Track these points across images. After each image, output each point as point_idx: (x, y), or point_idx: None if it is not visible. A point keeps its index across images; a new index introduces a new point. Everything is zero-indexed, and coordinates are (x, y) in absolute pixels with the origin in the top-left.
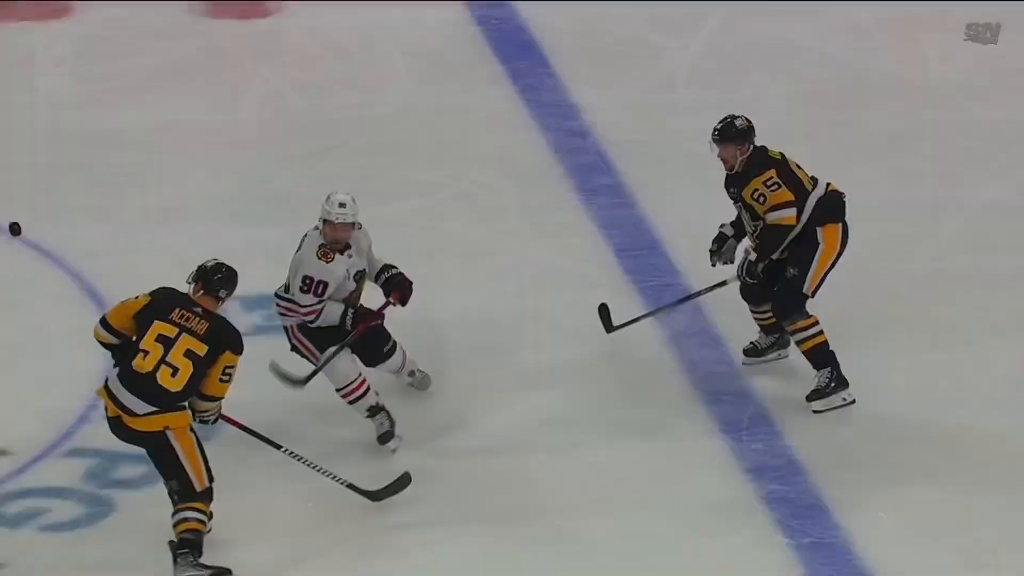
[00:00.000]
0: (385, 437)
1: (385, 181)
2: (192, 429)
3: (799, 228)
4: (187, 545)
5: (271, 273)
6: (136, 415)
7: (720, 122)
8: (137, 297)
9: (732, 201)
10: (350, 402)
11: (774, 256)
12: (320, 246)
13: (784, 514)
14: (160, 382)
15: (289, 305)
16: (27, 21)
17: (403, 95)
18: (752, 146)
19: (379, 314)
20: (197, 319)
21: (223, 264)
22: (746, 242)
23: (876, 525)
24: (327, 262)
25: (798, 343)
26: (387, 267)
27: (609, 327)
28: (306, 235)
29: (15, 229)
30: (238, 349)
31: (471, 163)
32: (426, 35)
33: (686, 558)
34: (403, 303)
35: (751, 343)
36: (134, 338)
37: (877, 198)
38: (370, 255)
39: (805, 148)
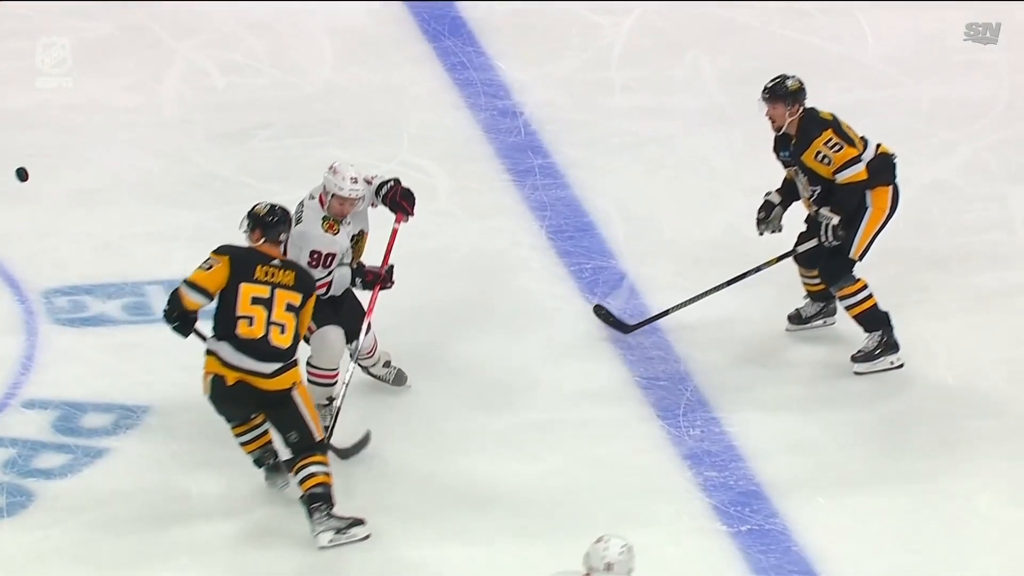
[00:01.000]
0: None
1: (313, 161)
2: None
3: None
4: (319, 499)
5: (196, 255)
6: (267, 376)
7: (770, 80)
8: (209, 263)
9: (784, 165)
10: (313, 382)
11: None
12: (324, 218)
13: (722, 501)
14: (274, 343)
15: None
16: None
17: (330, 74)
18: (802, 107)
19: (385, 274)
20: (281, 271)
21: (273, 205)
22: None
23: (816, 512)
24: (333, 234)
25: (847, 308)
26: (382, 185)
27: (625, 327)
28: (302, 206)
29: (22, 175)
30: (315, 287)
31: (401, 143)
32: (352, 13)
33: None
34: (407, 217)
35: (796, 310)
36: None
37: None
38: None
39: (741, 128)
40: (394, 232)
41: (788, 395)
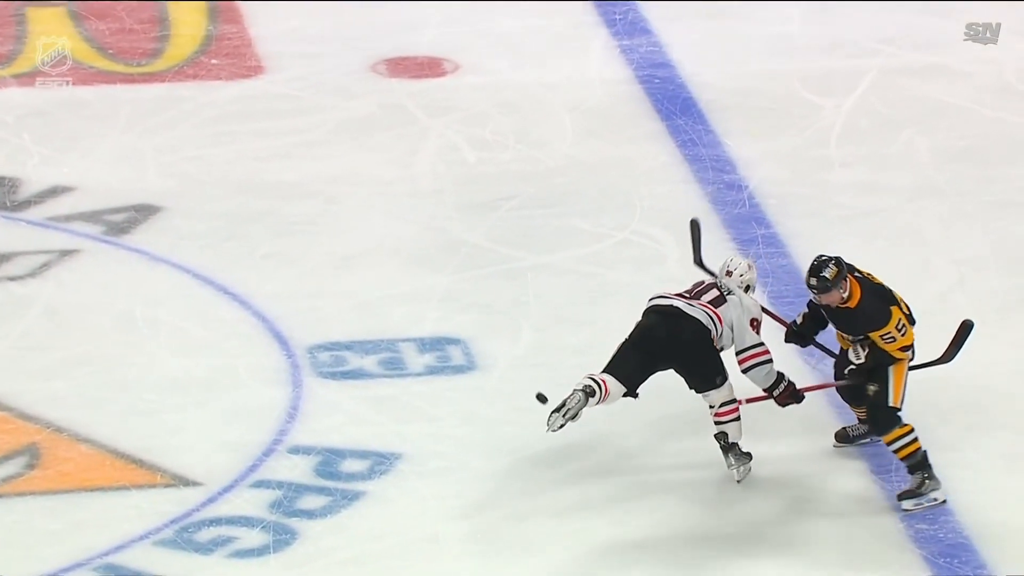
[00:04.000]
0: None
1: (552, 230)
2: None
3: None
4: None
5: (445, 317)
6: None
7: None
8: None
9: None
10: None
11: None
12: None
13: (932, 552)
14: None
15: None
16: (221, 80)
17: (569, 150)
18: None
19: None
20: None
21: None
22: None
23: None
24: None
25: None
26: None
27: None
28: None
29: (542, 398)
30: None
31: (633, 213)
32: (591, 93)
33: None
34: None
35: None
36: None
37: (1022, 252)
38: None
39: (953, 204)
40: None
41: (995, 449)
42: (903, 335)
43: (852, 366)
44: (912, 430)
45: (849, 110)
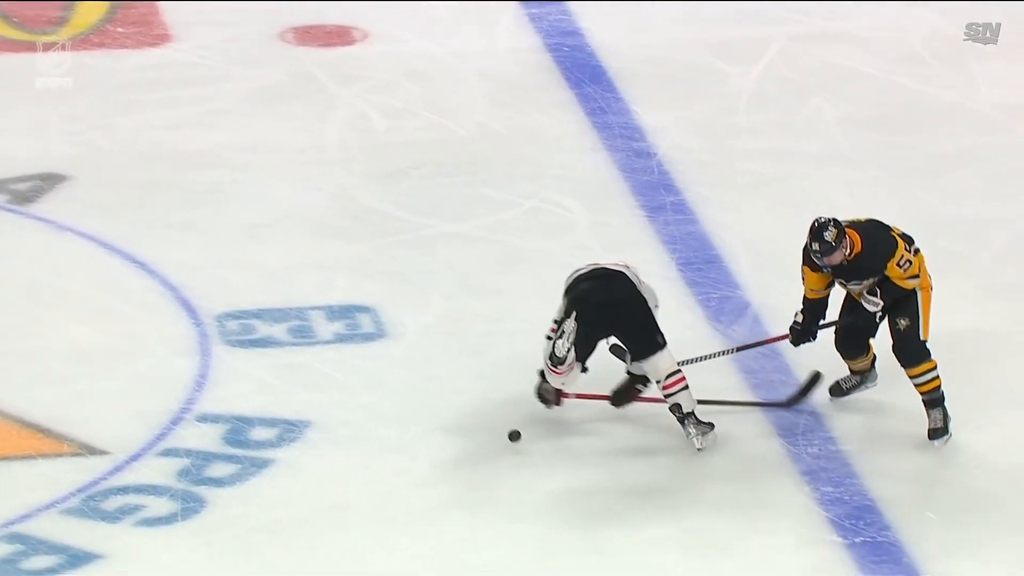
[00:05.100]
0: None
1: (462, 199)
2: None
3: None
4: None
5: (354, 285)
6: None
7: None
8: None
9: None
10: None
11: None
12: None
13: (838, 514)
14: None
15: None
16: (127, 49)
17: (479, 118)
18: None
19: None
20: None
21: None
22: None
23: (927, 526)
24: None
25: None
26: None
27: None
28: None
29: (515, 436)
30: None
31: (543, 182)
32: (501, 61)
33: (740, 555)
34: None
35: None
36: None
37: (928, 217)
38: None
39: (860, 170)
40: None
41: (901, 417)
42: (915, 255)
43: (870, 312)
44: (936, 366)
45: (757, 77)
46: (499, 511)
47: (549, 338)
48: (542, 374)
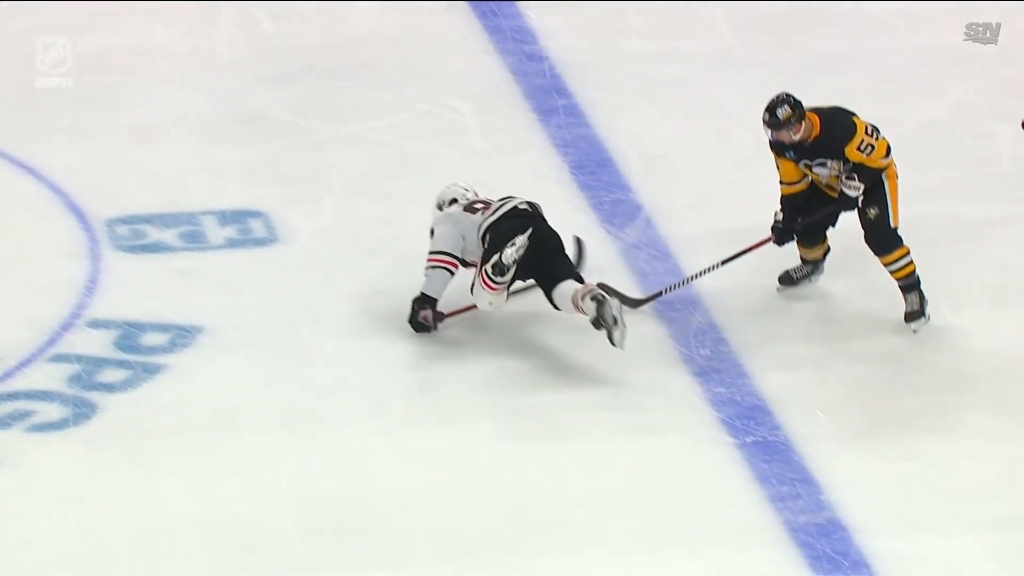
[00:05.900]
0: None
1: (353, 102)
2: None
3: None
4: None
5: (245, 190)
6: None
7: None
8: None
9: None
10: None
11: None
12: None
13: (729, 415)
14: None
15: None
16: None
17: (370, 21)
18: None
19: None
20: None
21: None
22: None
23: (816, 425)
24: None
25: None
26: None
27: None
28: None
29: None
30: None
31: (435, 85)
32: None
33: (630, 456)
34: None
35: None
36: None
37: None
38: None
39: (750, 71)
40: None
41: (793, 319)
42: (877, 139)
43: (851, 197)
44: (909, 252)
45: None
46: (394, 416)
47: (435, 267)
48: (414, 303)
